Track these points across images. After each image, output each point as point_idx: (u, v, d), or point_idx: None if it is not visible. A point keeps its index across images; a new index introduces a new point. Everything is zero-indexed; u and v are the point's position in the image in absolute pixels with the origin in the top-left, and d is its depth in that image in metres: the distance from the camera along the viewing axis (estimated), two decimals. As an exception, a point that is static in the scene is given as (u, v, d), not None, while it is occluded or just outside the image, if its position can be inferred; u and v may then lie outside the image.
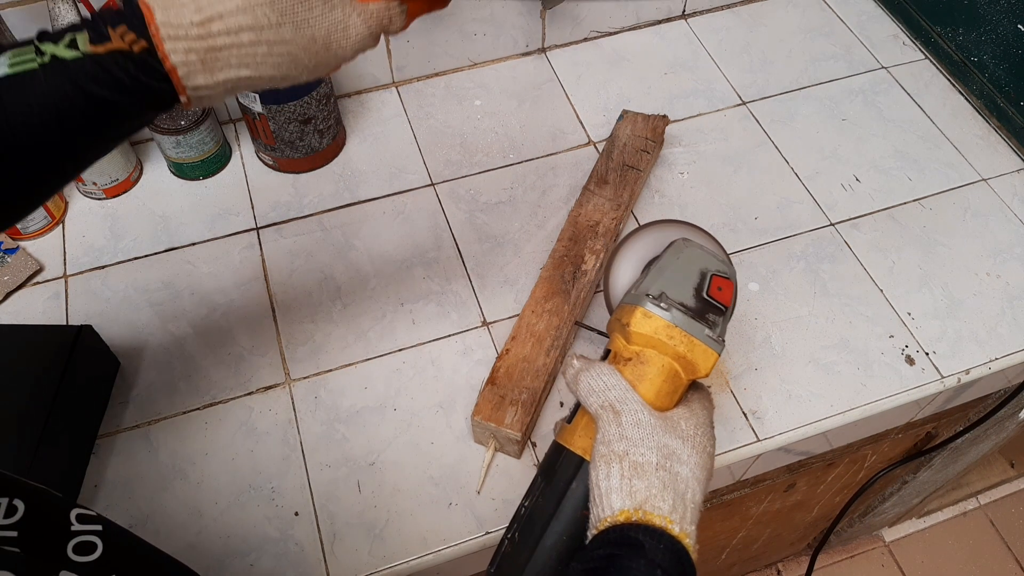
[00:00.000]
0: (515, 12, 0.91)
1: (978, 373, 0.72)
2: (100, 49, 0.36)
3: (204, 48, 0.37)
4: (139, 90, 0.37)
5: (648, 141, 0.83)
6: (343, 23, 0.40)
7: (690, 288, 0.50)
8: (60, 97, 0.36)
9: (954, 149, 0.88)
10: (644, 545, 0.39)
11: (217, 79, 0.38)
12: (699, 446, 0.45)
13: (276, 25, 0.38)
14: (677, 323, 0.48)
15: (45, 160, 0.39)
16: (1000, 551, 1.60)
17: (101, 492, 0.64)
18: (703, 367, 0.48)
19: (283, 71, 0.40)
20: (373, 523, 0.63)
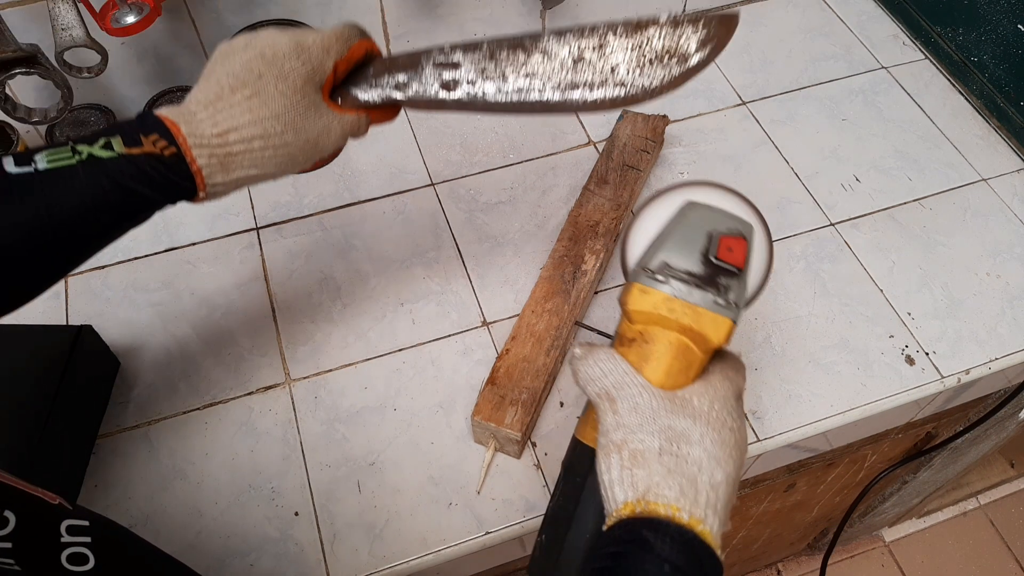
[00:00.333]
0: (515, 12, 0.91)
1: (978, 373, 0.72)
2: (135, 151, 0.43)
3: (223, 153, 0.46)
4: (168, 186, 0.44)
5: (648, 141, 0.83)
6: (328, 128, 0.50)
7: (696, 254, 0.46)
8: (99, 190, 0.42)
9: (954, 149, 0.88)
10: (648, 541, 0.38)
11: (231, 177, 0.47)
12: (716, 422, 0.42)
13: (280, 133, 0.47)
14: (677, 294, 0.45)
15: (78, 247, 0.45)
16: (1000, 551, 1.60)
17: (101, 492, 0.64)
18: (715, 337, 0.44)
19: (283, 168, 0.49)
20: (373, 523, 0.63)
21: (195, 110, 0.46)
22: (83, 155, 0.42)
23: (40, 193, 0.41)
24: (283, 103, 0.47)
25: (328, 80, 0.50)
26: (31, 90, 0.78)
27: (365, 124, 0.53)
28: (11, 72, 0.64)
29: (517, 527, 0.63)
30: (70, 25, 0.65)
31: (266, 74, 0.47)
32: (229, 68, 0.48)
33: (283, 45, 0.49)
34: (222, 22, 0.80)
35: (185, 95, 0.83)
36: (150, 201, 0.45)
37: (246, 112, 0.46)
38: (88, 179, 0.42)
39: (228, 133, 0.45)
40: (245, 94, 0.47)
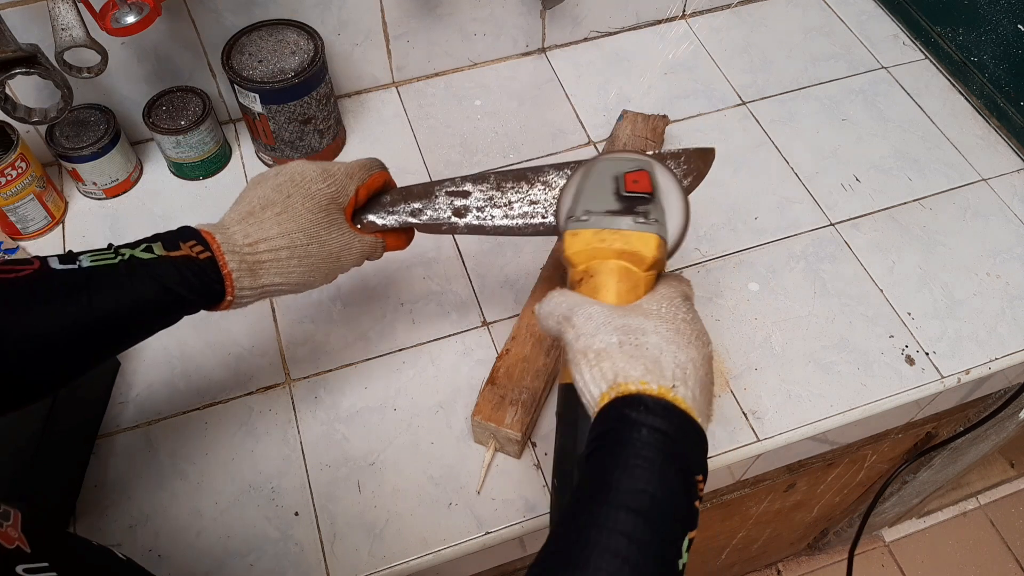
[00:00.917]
0: (515, 12, 0.91)
1: (978, 373, 0.72)
2: (173, 254, 0.48)
3: (252, 260, 0.51)
4: (200, 287, 0.49)
5: (648, 141, 0.83)
6: (349, 246, 0.56)
7: (609, 194, 0.52)
8: (137, 289, 0.47)
9: (954, 149, 0.88)
10: (626, 415, 0.41)
11: (258, 283, 0.51)
12: (667, 316, 0.46)
13: (305, 245, 0.53)
14: (603, 226, 0.50)
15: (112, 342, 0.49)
16: (1000, 551, 1.60)
17: (101, 492, 0.64)
18: (647, 252, 0.49)
19: (306, 279, 0.54)
20: (373, 523, 0.63)
21: (228, 225, 0.52)
22: (125, 256, 0.47)
23: (83, 289, 0.46)
24: (309, 219, 0.53)
25: (350, 203, 0.56)
26: (31, 90, 0.78)
27: (381, 248, 0.59)
28: (11, 72, 0.64)
29: (517, 527, 0.63)
30: (70, 25, 0.64)
31: (294, 194, 0.53)
32: (260, 192, 0.54)
33: (311, 170, 0.55)
34: (222, 22, 0.80)
35: (185, 95, 0.83)
36: (183, 301, 0.49)
37: (275, 226, 0.52)
38: (128, 278, 0.47)
39: (258, 243, 0.51)
40: (275, 211, 0.52)
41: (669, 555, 0.38)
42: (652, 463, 0.40)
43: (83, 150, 0.78)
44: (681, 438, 0.41)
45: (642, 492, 0.39)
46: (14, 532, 0.35)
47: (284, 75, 0.77)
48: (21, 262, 0.46)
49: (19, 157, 0.74)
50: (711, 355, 0.47)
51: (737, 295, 0.76)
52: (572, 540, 0.38)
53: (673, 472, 0.40)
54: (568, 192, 0.56)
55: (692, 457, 0.42)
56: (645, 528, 0.38)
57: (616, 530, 0.37)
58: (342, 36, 0.86)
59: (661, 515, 0.39)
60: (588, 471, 0.42)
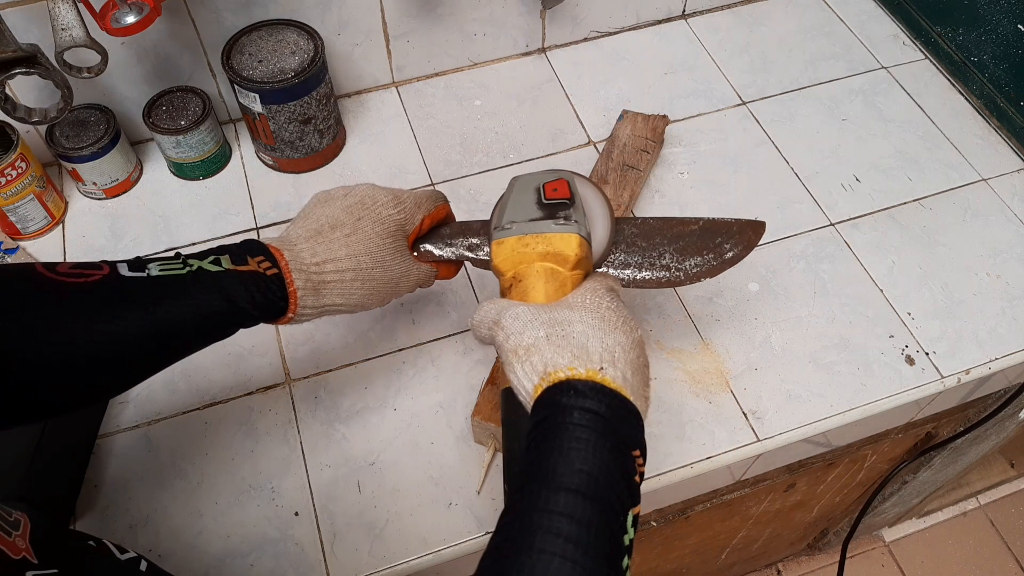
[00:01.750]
0: (515, 12, 0.91)
1: (978, 373, 0.72)
2: (241, 268, 0.49)
3: (318, 280, 0.51)
4: (264, 301, 0.49)
5: (648, 141, 0.83)
6: (408, 273, 0.57)
7: (531, 204, 0.54)
8: (203, 299, 0.47)
9: (954, 149, 0.88)
10: (558, 401, 0.42)
11: (320, 303, 0.52)
12: (591, 306, 0.47)
13: (370, 268, 0.53)
14: (526, 231, 0.52)
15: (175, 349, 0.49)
16: (1000, 551, 1.60)
17: (101, 492, 0.64)
18: (569, 251, 0.51)
19: (366, 301, 0.54)
20: (373, 523, 0.63)
21: (296, 242, 0.52)
22: (193, 267, 0.48)
23: (151, 296, 0.46)
24: (378, 243, 0.54)
25: (415, 231, 0.57)
26: (31, 90, 0.78)
27: (433, 277, 0.60)
28: (11, 72, 0.64)
29: (517, 527, 0.63)
30: (70, 25, 0.64)
31: (364, 217, 0.54)
32: (329, 211, 0.54)
33: (382, 195, 0.56)
34: (222, 22, 0.80)
35: (184, 95, 0.83)
36: (244, 315, 0.49)
37: (343, 247, 0.52)
38: (195, 288, 0.47)
39: (325, 263, 0.52)
40: (344, 232, 0.53)
41: (613, 531, 0.39)
42: (587, 443, 0.40)
43: (83, 150, 0.78)
44: (613, 416, 0.42)
45: (579, 472, 0.39)
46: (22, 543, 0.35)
47: (284, 75, 0.77)
48: (90, 266, 0.46)
49: (19, 157, 0.74)
50: (641, 340, 0.48)
51: (737, 295, 0.76)
52: (516, 527, 0.39)
53: (608, 450, 0.41)
54: (495, 209, 0.58)
55: (626, 434, 0.42)
56: (585, 506, 0.38)
57: (557, 511, 0.38)
58: (342, 36, 0.86)
59: (600, 493, 0.39)
60: (527, 460, 0.42)
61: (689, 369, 0.71)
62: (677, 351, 0.72)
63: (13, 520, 0.36)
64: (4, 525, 0.35)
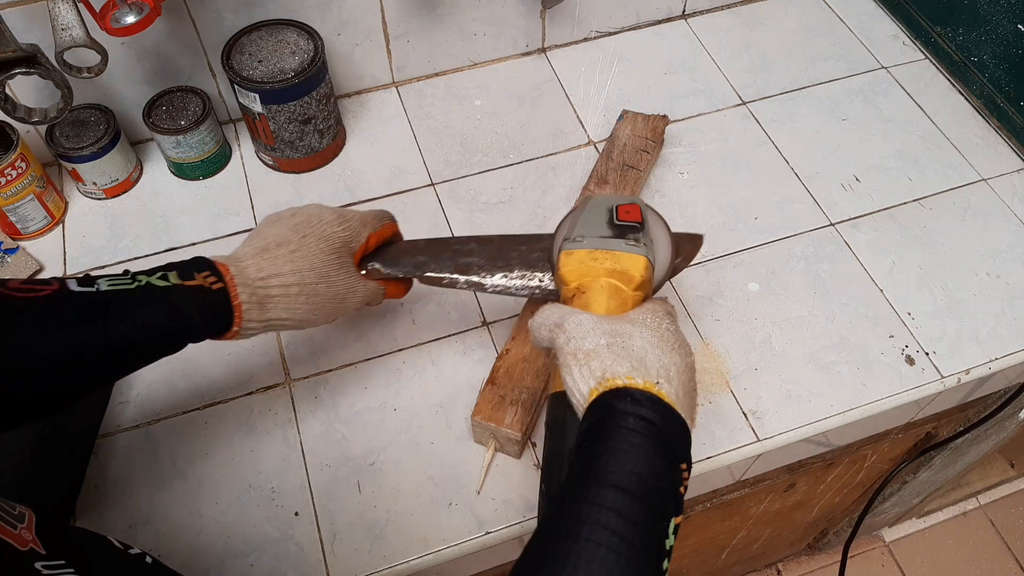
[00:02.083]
0: (515, 12, 0.91)
1: (978, 373, 0.72)
2: (188, 283, 0.50)
3: (262, 294, 0.52)
4: (211, 316, 0.50)
5: (648, 141, 0.83)
6: (354, 289, 0.58)
7: (603, 222, 0.56)
8: (150, 313, 0.48)
9: (954, 149, 0.88)
10: (614, 405, 0.43)
11: (265, 316, 0.52)
12: (652, 325, 0.49)
13: (315, 283, 0.54)
14: (596, 247, 0.54)
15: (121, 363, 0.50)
16: (1000, 551, 1.60)
17: (101, 492, 0.64)
18: (635, 271, 0.53)
19: (309, 316, 0.55)
20: (373, 523, 0.63)
21: (242, 258, 0.53)
22: (142, 283, 0.49)
23: (100, 312, 0.47)
24: (322, 259, 0.55)
25: (360, 249, 0.58)
26: (31, 90, 0.78)
27: (381, 295, 0.61)
28: (11, 72, 0.64)
29: (517, 527, 0.63)
30: (70, 25, 0.64)
31: (310, 235, 0.55)
32: (276, 230, 0.56)
33: (327, 214, 0.57)
34: (222, 22, 0.80)
35: (184, 95, 0.83)
36: (191, 329, 0.50)
37: (288, 263, 0.54)
38: (144, 302, 0.48)
39: (270, 278, 0.53)
40: (290, 248, 0.54)
41: (657, 533, 0.40)
42: (639, 448, 0.42)
43: (83, 150, 0.78)
44: (666, 427, 0.43)
45: (630, 473, 0.41)
46: (28, 534, 0.35)
47: (284, 75, 0.77)
48: (41, 282, 0.47)
49: (19, 157, 0.74)
50: (693, 365, 0.49)
51: (737, 295, 0.76)
52: (564, 517, 0.40)
53: (659, 457, 0.42)
54: (566, 221, 0.60)
55: (676, 446, 0.44)
56: (633, 505, 0.39)
57: (605, 506, 0.39)
58: (342, 36, 0.86)
59: (648, 495, 0.40)
60: (578, 458, 0.43)
61: (689, 369, 0.71)
62: (677, 351, 0.72)
63: (17, 513, 0.36)
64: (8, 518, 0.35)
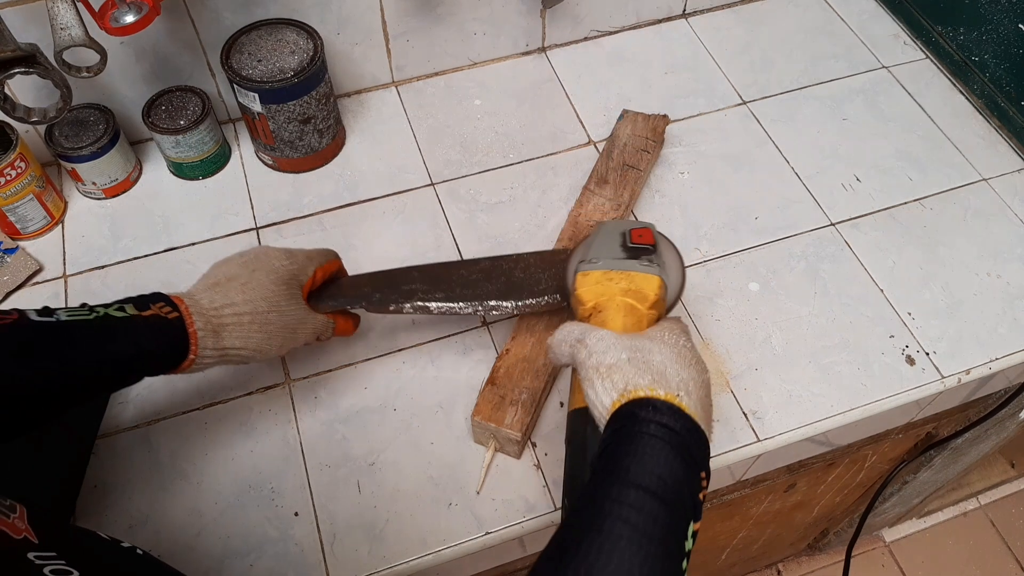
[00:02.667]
0: (515, 12, 0.91)
1: (978, 373, 0.72)
2: (144, 314, 0.52)
3: (217, 323, 0.54)
4: (166, 344, 0.52)
5: (648, 141, 0.83)
6: (304, 320, 0.60)
7: (616, 244, 0.58)
8: (108, 342, 0.50)
9: (955, 149, 0.88)
10: (636, 413, 0.45)
11: (220, 344, 0.54)
12: (669, 342, 0.50)
13: (266, 312, 0.57)
14: (611, 267, 0.56)
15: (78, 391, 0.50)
16: (1000, 551, 1.60)
17: (101, 492, 0.64)
18: (650, 290, 0.55)
19: (262, 345, 0.57)
20: (373, 523, 0.63)
21: (195, 292, 0.56)
22: (100, 313, 0.51)
23: (57, 339, 0.49)
24: (272, 289, 0.57)
25: (308, 282, 0.61)
26: (30, 90, 0.77)
27: (331, 328, 0.63)
28: (10, 72, 0.63)
29: (517, 527, 0.63)
30: (69, 24, 0.64)
31: (259, 269, 0.58)
32: (226, 268, 0.58)
33: (274, 251, 0.60)
34: (221, 22, 0.79)
35: (184, 94, 0.83)
36: (148, 358, 0.52)
37: (240, 294, 0.56)
38: (101, 332, 0.50)
39: (223, 307, 0.55)
40: (241, 282, 0.57)
41: (676, 533, 0.41)
42: (660, 452, 0.43)
43: (82, 150, 0.78)
44: (686, 436, 0.44)
45: (651, 474, 0.42)
46: (21, 523, 0.36)
47: (284, 75, 0.76)
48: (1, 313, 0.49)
49: (18, 157, 0.74)
50: (709, 382, 0.50)
51: (737, 295, 0.76)
52: (587, 513, 0.42)
53: (679, 462, 0.43)
54: (580, 246, 0.63)
55: (696, 454, 0.45)
56: (654, 503, 0.41)
57: (628, 503, 0.41)
58: (342, 35, 0.85)
59: (668, 496, 0.42)
60: (600, 462, 0.45)
61: (689, 369, 0.71)
62: (677, 351, 0.72)
63: (9, 504, 0.36)
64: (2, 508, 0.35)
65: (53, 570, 0.35)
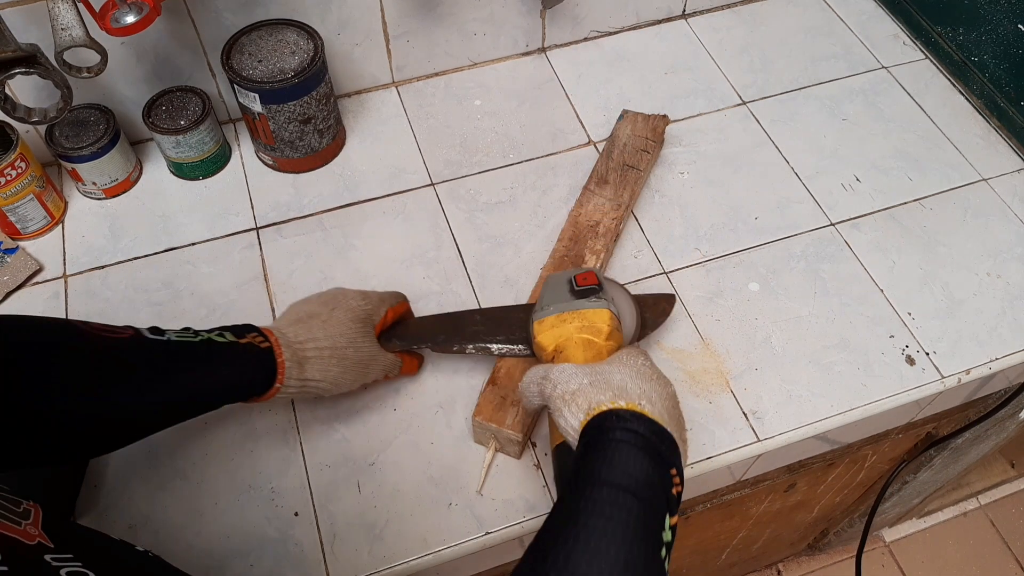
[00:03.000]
0: (515, 12, 0.91)
1: (978, 373, 0.72)
2: (241, 341, 0.56)
3: (301, 356, 0.59)
4: (260, 371, 0.56)
5: (648, 141, 0.83)
6: (376, 357, 0.63)
7: (565, 292, 0.62)
8: (210, 363, 0.55)
9: (954, 149, 0.88)
10: (601, 425, 0.48)
11: (303, 376, 0.58)
12: (628, 363, 0.53)
13: (344, 348, 0.61)
14: (562, 310, 0.60)
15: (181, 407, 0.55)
16: (1000, 551, 1.60)
17: (101, 492, 0.64)
18: (602, 323, 0.58)
19: (339, 379, 0.61)
20: (373, 523, 0.63)
21: (282, 327, 0.60)
22: (204, 337, 0.55)
23: (169, 356, 0.53)
24: (349, 327, 0.61)
25: (380, 323, 0.64)
26: (31, 90, 0.77)
27: (398, 367, 0.66)
28: (11, 72, 0.63)
29: (517, 527, 0.63)
30: (70, 25, 0.64)
31: (338, 308, 0.62)
32: (307, 307, 0.63)
33: (351, 291, 0.65)
34: (222, 22, 0.79)
35: (184, 95, 0.83)
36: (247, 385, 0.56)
37: (320, 330, 0.60)
38: (205, 353, 0.55)
39: (306, 342, 0.59)
40: (321, 319, 0.61)
41: (651, 525, 0.43)
42: (628, 453, 0.45)
43: (83, 150, 0.78)
44: (652, 437, 0.47)
45: (621, 472, 0.44)
46: (34, 530, 0.36)
47: (284, 75, 0.76)
48: (116, 329, 0.53)
49: (19, 157, 0.74)
50: (675, 395, 0.53)
51: (737, 295, 0.76)
52: (561, 514, 0.44)
53: (648, 460, 0.45)
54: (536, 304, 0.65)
55: (665, 453, 0.47)
56: (627, 497, 0.43)
57: (601, 499, 0.43)
58: (342, 36, 0.86)
59: (640, 490, 0.44)
60: (573, 473, 0.47)
61: (689, 369, 0.71)
62: (677, 351, 0.72)
63: (22, 510, 0.37)
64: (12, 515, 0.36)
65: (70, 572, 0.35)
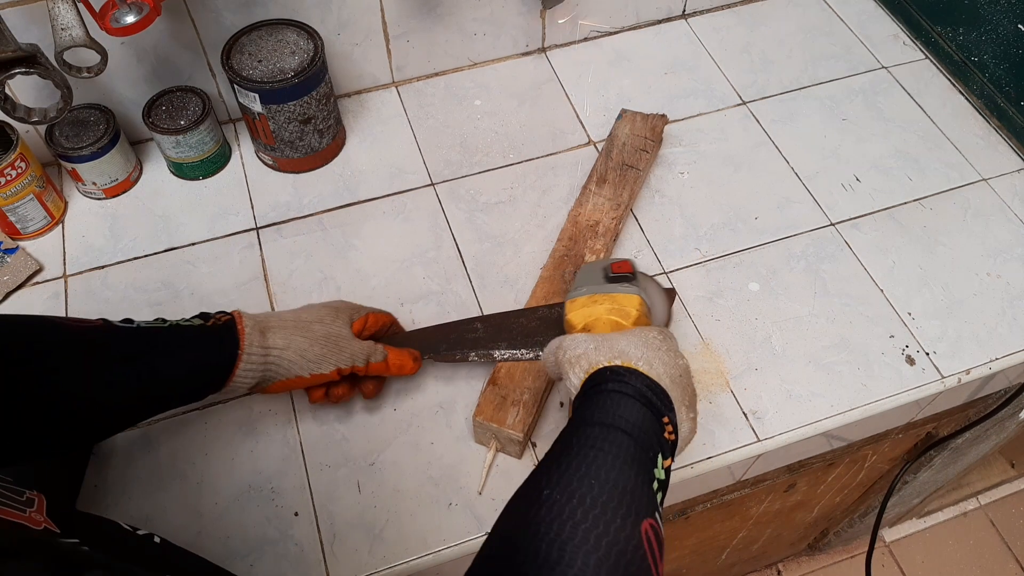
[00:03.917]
0: (515, 12, 0.91)
1: (979, 373, 0.72)
2: (207, 323, 0.58)
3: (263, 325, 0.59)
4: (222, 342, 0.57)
5: (647, 140, 0.83)
6: (349, 337, 0.62)
7: (599, 277, 0.63)
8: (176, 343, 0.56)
9: (954, 149, 0.88)
10: (596, 381, 0.50)
11: (265, 343, 0.58)
12: (637, 333, 0.54)
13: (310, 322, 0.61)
14: (595, 291, 0.61)
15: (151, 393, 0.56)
16: (1000, 551, 1.60)
17: (101, 492, 0.64)
18: (631, 307, 0.59)
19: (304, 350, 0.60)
20: (373, 523, 0.63)
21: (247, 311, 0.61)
22: (172, 323, 0.57)
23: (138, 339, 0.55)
24: (319, 309, 0.63)
25: (359, 321, 0.64)
26: (31, 90, 0.77)
27: (380, 352, 0.64)
28: (11, 72, 0.63)
29: (517, 527, 0.63)
30: (70, 25, 0.64)
31: (315, 303, 0.64)
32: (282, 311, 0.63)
33: (341, 301, 0.66)
34: (221, 22, 0.79)
35: (184, 95, 0.83)
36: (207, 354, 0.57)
37: (290, 314, 0.62)
38: (171, 335, 0.56)
39: (270, 316, 0.61)
40: (292, 310, 0.63)
41: (644, 459, 0.45)
42: (620, 400, 0.48)
43: (83, 150, 0.78)
44: (645, 389, 0.49)
45: (612, 414, 0.47)
46: (39, 516, 0.37)
47: (284, 75, 0.76)
48: (88, 320, 0.55)
49: (19, 157, 0.74)
50: (687, 368, 0.54)
51: (737, 295, 0.76)
52: (556, 448, 0.47)
53: (639, 406, 0.48)
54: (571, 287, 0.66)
55: (657, 404, 0.49)
56: (618, 434, 0.46)
57: (594, 435, 0.46)
58: (342, 36, 0.86)
59: (633, 430, 0.46)
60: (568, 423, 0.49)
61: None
62: (677, 351, 0.72)
63: (27, 499, 0.37)
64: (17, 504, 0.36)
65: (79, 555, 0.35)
